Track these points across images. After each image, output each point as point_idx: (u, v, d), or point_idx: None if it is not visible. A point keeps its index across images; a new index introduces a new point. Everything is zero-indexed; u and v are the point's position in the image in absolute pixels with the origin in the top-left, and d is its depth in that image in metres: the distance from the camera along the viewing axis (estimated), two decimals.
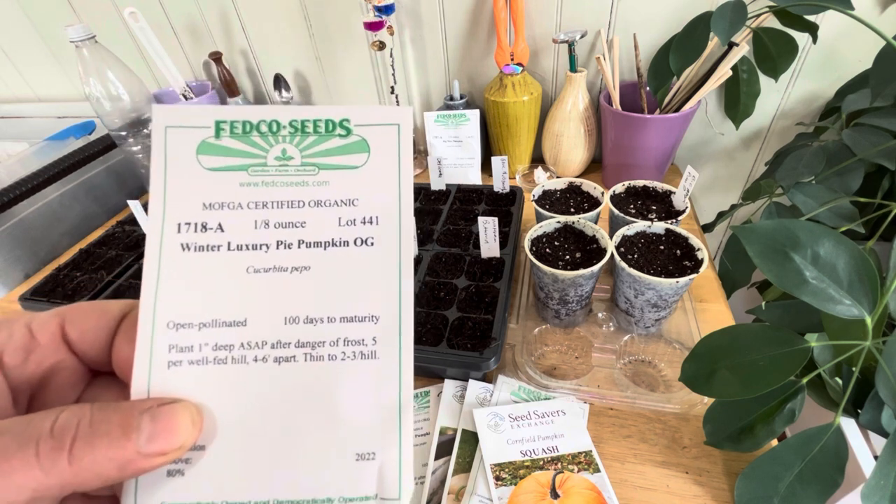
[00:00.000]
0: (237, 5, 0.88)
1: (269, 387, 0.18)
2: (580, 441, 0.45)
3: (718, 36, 0.55)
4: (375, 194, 0.19)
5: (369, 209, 0.19)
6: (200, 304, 0.18)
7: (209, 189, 0.19)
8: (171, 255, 0.18)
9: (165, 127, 0.19)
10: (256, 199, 0.19)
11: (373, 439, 0.17)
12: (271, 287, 0.18)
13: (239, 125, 0.19)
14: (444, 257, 0.62)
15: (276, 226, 0.18)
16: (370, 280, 0.18)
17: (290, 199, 0.19)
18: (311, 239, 0.18)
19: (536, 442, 0.45)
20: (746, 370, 0.36)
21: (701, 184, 0.89)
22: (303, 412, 0.18)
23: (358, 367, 0.18)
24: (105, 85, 0.78)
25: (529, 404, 0.48)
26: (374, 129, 0.19)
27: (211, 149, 0.19)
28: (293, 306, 0.18)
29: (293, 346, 0.18)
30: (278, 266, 0.18)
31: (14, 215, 0.77)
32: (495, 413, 0.47)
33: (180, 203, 0.19)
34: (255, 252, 0.18)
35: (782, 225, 0.36)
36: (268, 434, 0.17)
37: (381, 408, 0.18)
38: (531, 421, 0.47)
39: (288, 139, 0.19)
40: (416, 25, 0.83)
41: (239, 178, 0.19)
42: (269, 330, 0.18)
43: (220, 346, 0.18)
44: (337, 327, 0.18)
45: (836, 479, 0.35)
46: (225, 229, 0.18)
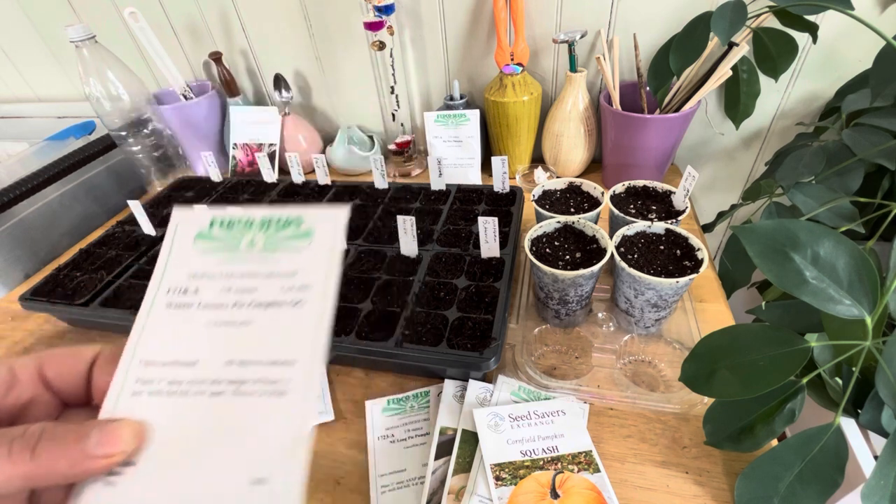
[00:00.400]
0: (237, 5, 0.88)
1: (201, 416, 0.21)
2: (580, 441, 0.45)
3: (718, 36, 0.55)
4: (310, 269, 0.24)
5: (304, 279, 0.24)
6: (168, 347, 0.23)
7: (196, 263, 0.25)
8: (158, 310, 0.24)
9: (178, 223, 0.26)
10: (226, 272, 0.25)
11: (270, 466, 0.20)
12: (221, 336, 0.23)
13: (226, 222, 0.26)
14: (444, 257, 0.62)
15: (236, 291, 0.24)
16: (294, 332, 0.23)
17: (250, 271, 0.24)
18: (259, 300, 0.24)
19: (536, 442, 0.45)
20: (746, 370, 0.36)
21: (701, 184, 0.89)
22: (219, 438, 0.21)
23: (269, 402, 0.21)
24: (105, 85, 0.78)
25: (529, 404, 0.48)
26: (319, 224, 0.25)
27: (204, 236, 0.26)
28: (233, 351, 0.23)
29: (225, 382, 0.22)
30: (230, 321, 0.24)
31: (14, 215, 0.77)
32: (495, 413, 0.47)
33: (174, 273, 0.25)
34: (217, 310, 0.24)
35: (782, 225, 0.36)
36: (189, 455, 0.21)
37: (282, 438, 0.21)
38: (531, 421, 0.47)
39: (257, 230, 0.25)
40: (416, 25, 0.83)
41: (218, 256, 0.25)
42: (211, 370, 0.22)
43: (173, 382, 0.22)
44: (262, 368, 0.22)
45: (836, 479, 0.35)
46: (199, 292, 0.24)
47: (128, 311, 0.58)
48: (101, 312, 0.59)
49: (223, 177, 0.88)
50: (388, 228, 0.68)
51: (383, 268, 0.61)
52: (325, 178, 0.81)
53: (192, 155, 0.96)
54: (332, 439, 0.49)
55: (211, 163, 0.85)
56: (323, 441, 0.49)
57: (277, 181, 0.85)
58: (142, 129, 0.85)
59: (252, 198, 0.81)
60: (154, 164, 0.89)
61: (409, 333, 0.51)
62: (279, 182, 0.84)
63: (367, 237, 0.67)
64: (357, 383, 0.55)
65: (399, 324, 0.52)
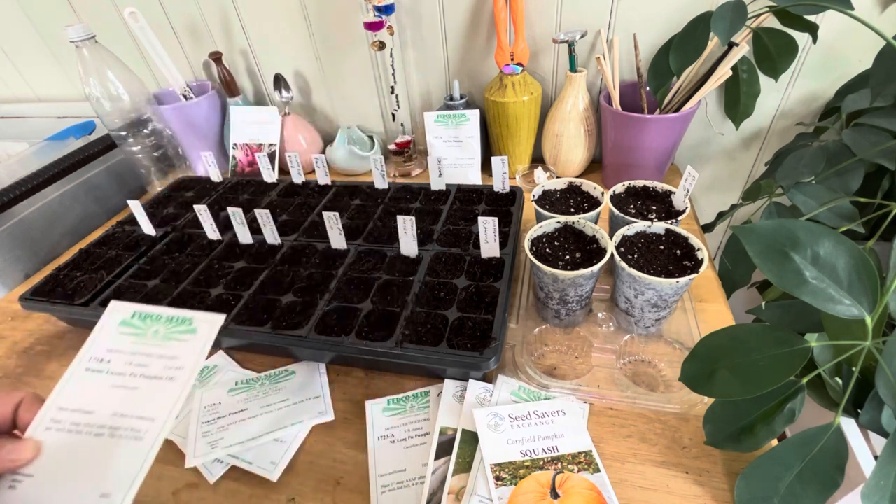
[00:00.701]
0: (237, 5, 0.88)
1: (84, 448, 0.32)
2: (580, 441, 0.45)
3: (718, 36, 0.55)
4: (187, 355, 0.34)
5: (181, 362, 0.34)
6: (77, 399, 0.34)
7: (114, 341, 0.35)
8: (79, 371, 0.35)
9: (111, 311, 0.37)
10: (133, 350, 0.35)
11: (116, 485, 0.30)
12: (116, 396, 0.33)
13: (143, 315, 0.36)
14: (444, 257, 0.62)
15: (135, 365, 0.34)
16: (161, 398, 0.33)
17: (148, 352, 0.35)
18: (147, 374, 0.34)
19: (536, 442, 0.45)
20: (746, 370, 0.36)
21: (701, 184, 0.89)
22: (90, 464, 0.31)
23: (129, 444, 0.32)
24: (105, 85, 0.78)
25: (529, 404, 0.48)
26: (201, 324, 0.35)
27: (126, 323, 0.36)
28: (119, 407, 0.33)
29: (107, 428, 0.32)
30: (124, 385, 0.34)
31: (14, 215, 0.77)
32: (495, 413, 0.47)
33: (98, 346, 0.36)
34: (118, 376, 0.34)
35: (782, 225, 0.36)
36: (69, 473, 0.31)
37: (129, 468, 0.31)
38: (531, 421, 0.47)
39: (161, 323, 0.35)
40: (416, 25, 0.83)
41: (131, 339, 0.35)
42: (101, 418, 0.33)
43: (74, 423, 0.32)
44: (133, 420, 0.32)
45: (836, 479, 0.35)
46: (111, 363, 0.35)
47: None
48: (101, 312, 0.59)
49: (223, 177, 0.88)
50: (388, 228, 0.68)
51: (383, 268, 0.61)
52: (325, 178, 0.81)
53: (192, 155, 0.96)
54: (332, 439, 0.49)
55: (211, 163, 0.85)
56: (323, 441, 0.49)
57: (277, 181, 0.85)
58: (142, 129, 0.85)
59: (252, 198, 0.81)
60: (154, 164, 0.89)
61: (409, 333, 0.51)
62: (279, 182, 0.84)
63: (367, 237, 0.67)
64: (357, 383, 0.55)
65: (399, 324, 0.52)
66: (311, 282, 0.60)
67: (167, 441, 0.50)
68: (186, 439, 0.49)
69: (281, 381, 0.55)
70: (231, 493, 0.46)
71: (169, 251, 0.70)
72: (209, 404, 0.53)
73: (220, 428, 0.50)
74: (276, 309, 0.56)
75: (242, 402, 0.53)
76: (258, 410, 0.52)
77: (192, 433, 0.50)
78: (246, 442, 0.48)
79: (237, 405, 0.52)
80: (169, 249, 0.70)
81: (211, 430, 0.50)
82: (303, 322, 0.54)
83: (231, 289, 0.60)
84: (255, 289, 0.59)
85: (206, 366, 0.58)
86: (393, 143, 0.91)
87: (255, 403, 0.52)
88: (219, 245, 0.69)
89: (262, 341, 0.54)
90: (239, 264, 0.64)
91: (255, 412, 0.51)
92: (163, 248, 0.70)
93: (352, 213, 0.73)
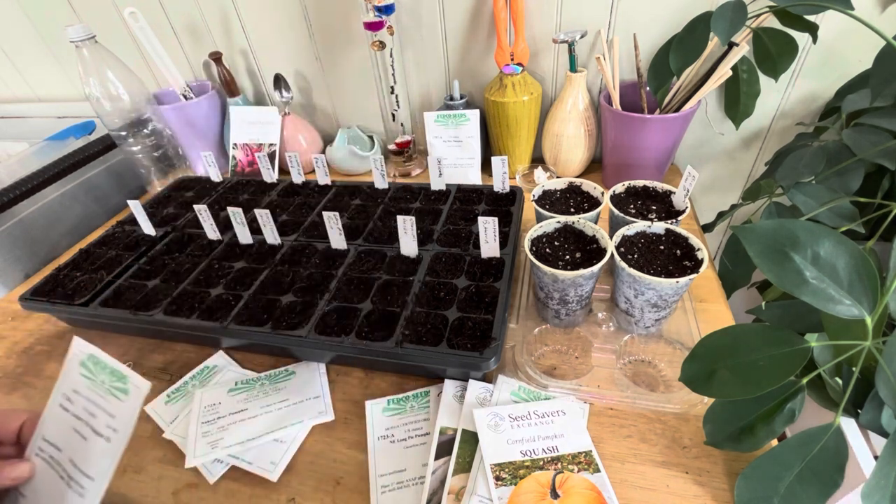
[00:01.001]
0: (237, 5, 0.88)
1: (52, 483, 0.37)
2: (580, 441, 0.45)
3: (718, 36, 0.55)
4: (121, 419, 0.37)
5: (116, 425, 0.37)
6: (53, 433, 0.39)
7: (76, 382, 0.39)
8: (55, 405, 0.39)
9: (73, 349, 0.40)
10: (86, 395, 0.38)
11: None
12: (74, 439, 0.38)
13: (95, 360, 0.39)
14: (444, 257, 0.62)
15: (88, 413, 0.38)
16: (100, 459, 0.37)
17: (97, 402, 0.38)
18: (93, 426, 0.37)
19: (536, 442, 0.45)
20: (746, 370, 0.36)
21: (701, 184, 0.89)
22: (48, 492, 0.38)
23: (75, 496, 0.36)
24: (105, 85, 0.78)
25: (529, 404, 0.48)
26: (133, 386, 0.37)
27: (83, 365, 0.39)
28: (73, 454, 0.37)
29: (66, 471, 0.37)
30: (80, 431, 0.38)
31: (14, 215, 0.77)
32: (495, 413, 0.47)
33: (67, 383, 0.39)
34: (77, 420, 0.38)
35: (782, 225, 0.36)
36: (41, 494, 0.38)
37: None
38: (531, 421, 0.47)
39: (106, 373, 0.38)
40: (416, 25, 0.83)
41: (85, 382, 0.38)
42: (64, 460, 0.38)
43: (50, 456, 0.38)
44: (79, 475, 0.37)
45: (836, 479, 0.35)
46: (73, 403, 0.38)
47: (128, 311, 0.58)
48: (101, 312, 0.59)
49: (223, 177, 0.88)
50: (388, 228, 0.68)
51: (383, 268, 0.61)
52: (325, 178, 0.81)
53: (192, 155, 0.96)
54: (331, 439, 0.49)
55: (211, 163, 0.85)
56: (323, 441, 0.49)
57: (277, 181, 0.85)
58: (142, 129, 0.85)
59: (252, 198, 0.81)
60: (154, 164, 0.89)
61: (409, 333, 0.51)
62: (279, 182, 0.84)
63: (367, 237, 0.67)
64: (357, 383, 0.55)
65: (399, 324, 0.52)
66: (311, 282, 0.60)
67: (167, 441, 0.50)
68: (186, 439, 0.49)
69: (281, 381, 0.55)
70: (231, 494, 0.46)
71: (169, 251, 0.70)
72: (209, 404, 0.53)
73: (220, 428, 0.50)
74: (276, 309, 0.56)
75: (242, 402, 0.53)
76: (258, 410, 0.52)
77: (192, 433, 0.50)
78: (246, 442, 0.48)
79: (237, 405, 0.52)
80: (169, 249, 0.70)
81: (211, 430, 0.50)
82: (303, 322, 0.54)
83: (231, 289, 0.60)
84: (255, 289, 0.59)
85: (206, 366, 0.58)
86: (393, 143, 0.91)
87: (255, 403, 0.52)
88: (219, 245, 0.69)
89: (262, 341, 0.54)
90: (239, 264, 0.64)
91: (255, 412, 0.51)
92: (163, 248, 0.70)
93: (352, 213, 0.73)
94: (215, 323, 0.55)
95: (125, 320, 0.58)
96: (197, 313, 0.57)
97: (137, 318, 0.57)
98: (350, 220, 0.71)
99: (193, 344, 0.62)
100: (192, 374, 0.58)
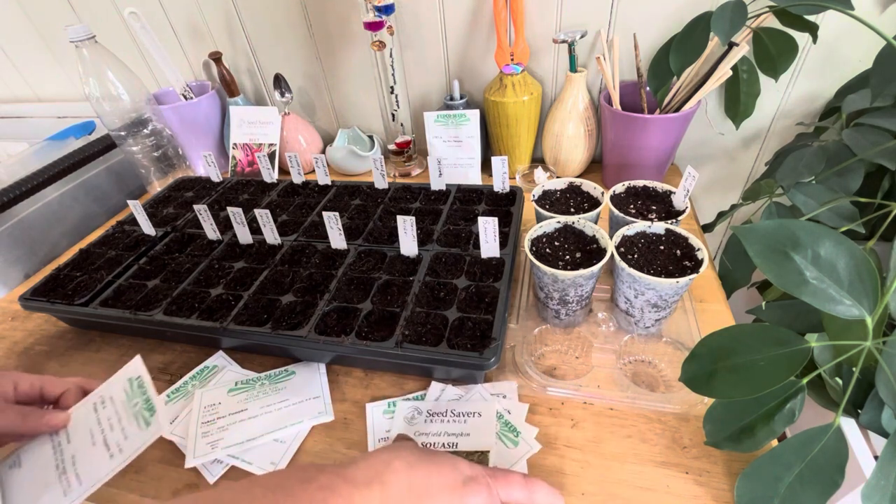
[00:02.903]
0: (237, 5, 0.88)
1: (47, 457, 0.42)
2: (482, 441, 0.46)
3: (718, 36, 0.55)
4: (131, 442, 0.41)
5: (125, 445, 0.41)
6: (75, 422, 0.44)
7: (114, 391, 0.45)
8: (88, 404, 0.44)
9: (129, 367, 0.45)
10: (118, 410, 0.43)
11: None
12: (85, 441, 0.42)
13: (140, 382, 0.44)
14: (444, 257, 0.62)
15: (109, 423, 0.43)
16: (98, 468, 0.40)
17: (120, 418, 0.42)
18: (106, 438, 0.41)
19: (441, 437, 0.47)
20: (746, 370, 0.36)
21: (701, 184, 0.89)
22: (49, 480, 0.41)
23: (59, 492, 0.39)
24: (105, 85, 0.78)
25: (451, 403, 0.50)
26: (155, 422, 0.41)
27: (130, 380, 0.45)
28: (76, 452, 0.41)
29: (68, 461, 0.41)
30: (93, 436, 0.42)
31: (14, 215, 0.77)
32: (416, 407, 0.50)
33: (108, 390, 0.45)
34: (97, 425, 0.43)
35: (782, 225, 0.36)
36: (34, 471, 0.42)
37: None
38: (446, 418, 0.48)
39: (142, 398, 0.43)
40: (416, 25, 0.83)
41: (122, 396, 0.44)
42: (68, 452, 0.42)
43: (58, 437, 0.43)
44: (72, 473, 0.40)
45: (836, 480, 0.35)
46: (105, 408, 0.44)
47: (128, 311, 0.58)
48: (101, 312, 0.59)
49: (223, 177, 0.88)
50: (388, 228, 0.68)
51: (383, 268, 0.61)
52: (325, 178, 0.81)
53: (192, 155, 0.96)
54: (331, 440, 0.49)
55: (211, 163, 0.85)
56: (323, 441, 0.49)
57: (277, 181, 0.85)
58: (142, 129, 0.85)
59: (252, 198, 0.81)
60: (154, 164, 0.89)
61: (409, 334, 0.51)
62: (279, 182, 0.84)
63: (367, 237, 0.67)
64: (357, 383, 0.55)
65: (399, 324, 0.52)
66: (311, 282, 0.60)
67: (167, 441, 0.50)
68: (186, 439, 0.49)
69: (281, 381, 0.55)
70: None
71: (169, 251, 0.70)
72: (209, 404, 0.53)
73: (220, 428, 0.50)
74: (276, 309, 0.56)
75: (242, 403, 0.53)
76: (258, 410, 0.52)
77: (191, 433, 0.50)
78: (246, 442, 0.48)
79: (237, 405, 0.52)
80: (169, 249, 0.70)
81: (211, 431, 0.50)
82: (303, 322, 0.54)
83: (231, 289, 0.60)
84: (255, 289, 0.59)
85: (206, 366, 0.58)
86: (393, 143, 0.91)
87: (255, 403, 0.52)
88: (219, 245, 0.69)
89: (262, 341, 0.54)
90: (239, 264, 0.64)
91: (255, 412, 0.51)
92: (163, 248, 0.70)
93: (352, 213, 0.73)
94: (215, 323, 0.55)
95: (125, 320, 0.58)
96: (197, 313, 0.57)
97: (137, 318, 0.57)
98: (350, 220, 0.71)
99: (193, 344, 0.62)
100: (192, 374, 0.58)
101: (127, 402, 0.43)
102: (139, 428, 0.41)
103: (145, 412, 0.41)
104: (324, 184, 0.82)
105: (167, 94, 0.95)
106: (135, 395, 0.43)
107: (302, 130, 0.94)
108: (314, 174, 0.82)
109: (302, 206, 0.77)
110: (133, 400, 0.42)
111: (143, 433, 0.40)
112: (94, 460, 0.40)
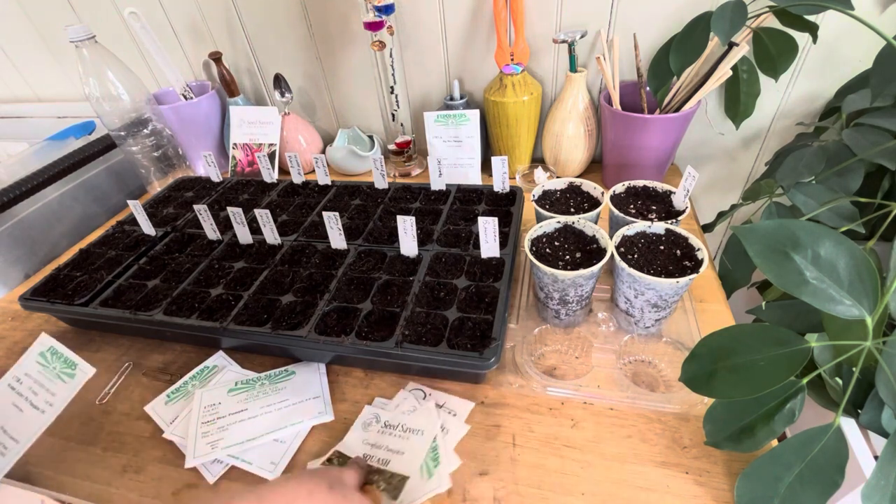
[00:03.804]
0: (237, 5, 0.88)
1: None
2: (408, 466, 0.45)
3: (718, 36, 0.55)
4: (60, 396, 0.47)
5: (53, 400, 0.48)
6: None
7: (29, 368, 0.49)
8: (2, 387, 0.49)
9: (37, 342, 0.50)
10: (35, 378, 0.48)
11: None
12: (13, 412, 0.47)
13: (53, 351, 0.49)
14: (444, 257, 0.62)
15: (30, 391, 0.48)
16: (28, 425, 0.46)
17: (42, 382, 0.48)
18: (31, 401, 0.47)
19: (380, 451, 0.47)
20: (746, 370, 0.36)
21: (701, 184, 0.89)
22: None
23: None
24: (105, 85, 0.78)
25: (404, 416, 0.49)
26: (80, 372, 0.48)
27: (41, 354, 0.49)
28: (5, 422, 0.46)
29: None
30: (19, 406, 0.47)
31: (14, 215, 0.77)
32: (376, 414, 0.50)
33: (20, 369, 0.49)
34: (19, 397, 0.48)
35: (782, 225, 0.36)
36: None
37: None
38: (394, 432, 0.48)
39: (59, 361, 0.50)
40: (416, 25, 0.83)
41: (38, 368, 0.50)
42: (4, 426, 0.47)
43: None
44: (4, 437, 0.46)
45: (836, 480, 0.35)
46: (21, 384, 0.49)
47: (128, 311, 0.58)
48: (101, 312, 0.59)
49: (223, 177, 0.88)
50: (388, 228, 0.68)
51: (383, 268, 0.61)
52: (325, 178, 0.81)
53: (192, 155, 0.96)
54: (331, 440, 0.49)
55: (211, 163, 0.85)
56: (323, 441, 0.49)
57: (277, 181, 0.85)
58: (141, 129, 0.85)
59: (252, 198, 0.81)
60: (154, 164, 0.89)
61: (409, 334, 0.51)
62: (279, 182, 0.84)
63: (367, 237, 0.67)
64: (357, 383, 0.55)
65: (399, 324, 0.52)
66: (311, 282, 0.60)
67: (167, 441, 0.50)
68: (186, 439, 0.49)
69: (281, 381, 0.55)
70: None
71: (169, 251, 0.70)
72: (209, 404, 0.53)
73: (220, 428, 0.50)
74: (276, 309, 0.56)
75: (242, 402, 0.53)
76: (258, 410, 0.52)
77: (191, 433, 0.50)
78: (246, 442, 0.48)
79: (237, 405, 0.52)
80: (169, 249, 0.70)
81: (211, 431, 0.50)
82: (303, 322, 0.54)
83: (231, 289, 0.60)
84: (255, 289, 0.59)
85: (206, 366, 0.58)
86: (393, 143, 0.91)
87: (255, 403, 0.52)
88: (219, 245, 0.69)
89: (262, 341, 0.54)
90: (239, 264, 0.64)
91: (255, 412, 0.51)
92: (163, 248, 0.70)
93: (352, 213, 0.73)
94: (215, 323, 0.55)
95: (125, 320, 0.58)
96: (197, 313, 0.57)
97: (137, 318, 0.57)
98: (350, 220, 0.71)
99: (193, 344, 0.62)
100: (192, 374, 0.58)
101: (45, 371, 0.48)
102: (64, 383, 0.46)
103: (67, 370, 0.46)
104: (324, 184, 0.82)
105: (167, 94, 0.95)
106: (52, 362, 0.48)
107: (302, 130, 0.94)
108: (314, 174, 0.82)
109: (302, 206, 0.77)
110: (52, 366, 0.48)
111: (70, 383, 0.46)
112: (26, 421, 0.45)
